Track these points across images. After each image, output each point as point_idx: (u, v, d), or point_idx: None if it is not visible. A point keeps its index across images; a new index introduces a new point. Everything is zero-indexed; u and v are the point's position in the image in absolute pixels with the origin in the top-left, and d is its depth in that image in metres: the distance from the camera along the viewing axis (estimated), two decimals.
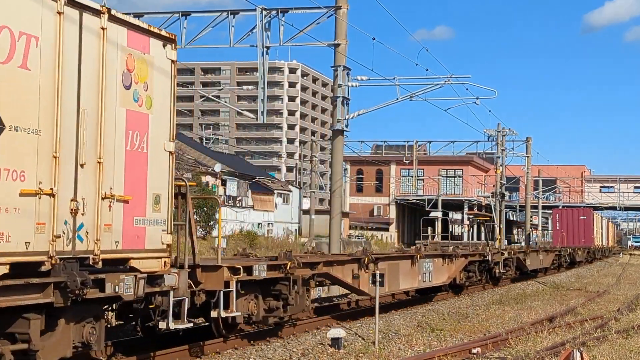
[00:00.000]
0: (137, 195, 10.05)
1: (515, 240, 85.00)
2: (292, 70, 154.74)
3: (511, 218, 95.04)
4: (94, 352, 10.44)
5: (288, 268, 14.23)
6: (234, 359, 12.68)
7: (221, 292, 12.35)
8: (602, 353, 13.38)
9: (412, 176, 65.54)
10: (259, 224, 56.01)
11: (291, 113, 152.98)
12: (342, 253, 24.24)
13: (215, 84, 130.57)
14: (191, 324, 11.80)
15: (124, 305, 10.94)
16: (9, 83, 8.26)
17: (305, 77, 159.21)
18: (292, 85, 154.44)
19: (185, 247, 11.63)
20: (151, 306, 10.91)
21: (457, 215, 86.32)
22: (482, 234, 79.43)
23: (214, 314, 12.54)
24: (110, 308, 11.06)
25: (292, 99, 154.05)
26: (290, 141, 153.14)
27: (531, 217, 64.14)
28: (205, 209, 41.09)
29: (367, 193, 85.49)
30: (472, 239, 74.79)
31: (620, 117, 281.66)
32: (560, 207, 72.16)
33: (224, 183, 52.02)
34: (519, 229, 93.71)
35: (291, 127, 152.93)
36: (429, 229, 70.90)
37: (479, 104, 34.08)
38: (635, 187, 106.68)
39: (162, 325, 11.06)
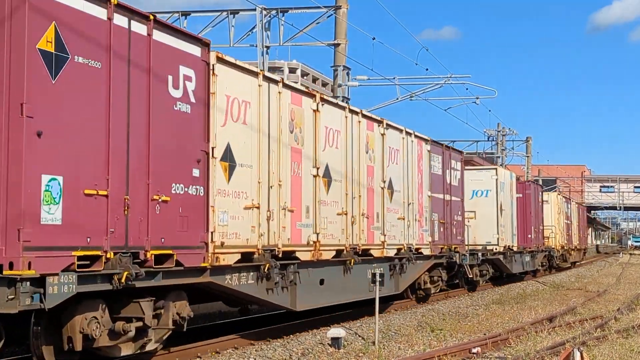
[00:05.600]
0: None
1: None
2: (292, 70, 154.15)
3: None
4: None
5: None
6: (234, 358, 12.67)
7: None
8: (602, 353, 13.38)
9: None
10: None
11: None
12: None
13: None
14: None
15: None
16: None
17: (305, 77, 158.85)
18: None
19: None
20: None
21: None
22: None
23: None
24: None
25: None
26: None
27: None
28: None
29: None
30: None
31: (620, 116, 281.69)
32: None
33: None
34: None
35: None
36: None
37: (478, 104, 34.20)
38: (635, 187, 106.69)
39: None
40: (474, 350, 13.76)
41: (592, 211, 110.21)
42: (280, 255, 13.53)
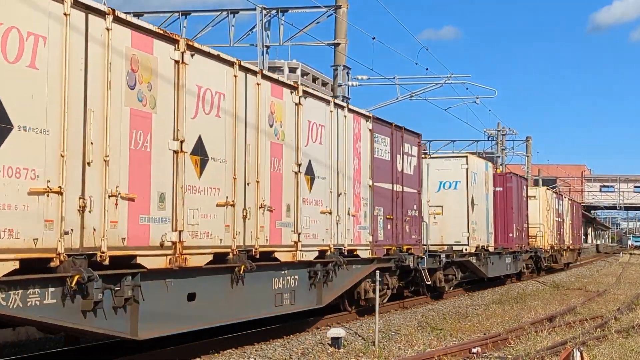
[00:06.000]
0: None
1: None
2: (292, 70, 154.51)
3: None
4: None
5: None
6: (234, 358, 12.67)
7: None
8: (602, 352, 13.37)
9: None
10: None
11: None
12: None
13: None
14: None
15: None
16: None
17: (305, 77, 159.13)
18: None
19: None
20: None
21: None
22: None
23: None
24: None
25: None
26: None
27: None
28: None
29: None
30: None
31: (620, 116, 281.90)
32: None
33: None
34: None
35: None
36: None
37: (478, 103, 34.18)
38: (635, 187, 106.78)
39: None
40: (474, 350, 13.76)
41: (592, 211, 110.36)
42: (106, 262, 9.52)
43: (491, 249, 28.07)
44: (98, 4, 9.56)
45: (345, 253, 16.17)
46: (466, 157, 25.85)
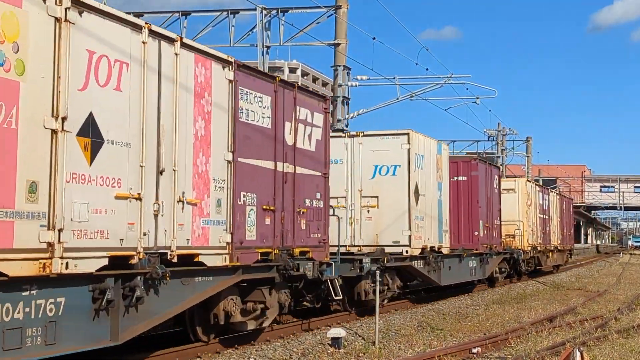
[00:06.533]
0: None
1: None
2: (292, 70, 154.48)
3: None
4: None
5: None
6: (234, 358, 12.68)
7: None
8: (603, 352, 13.39)
9: None
10: None
11: None
12: None
13: None
14: None
15: None
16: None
17: (305, 77, 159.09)
18: None
19: None
20: None
21: None
22: None
23: None
24: None
25: None
26: None
27: None
28: None
29: None
30: None
31: (620, 116, 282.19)
32: None
33: None
34: None
35: None
36: None
37: (479, 104, 34.21)
38: (635, 187, 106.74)
39: None
40: (474, 350, 13.77)
41: (592, 211, 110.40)
42: None
43: (445, 251, 22.77)
44: None
45: (175, 260, 10.90)
46: (408, 134, 20.03)
